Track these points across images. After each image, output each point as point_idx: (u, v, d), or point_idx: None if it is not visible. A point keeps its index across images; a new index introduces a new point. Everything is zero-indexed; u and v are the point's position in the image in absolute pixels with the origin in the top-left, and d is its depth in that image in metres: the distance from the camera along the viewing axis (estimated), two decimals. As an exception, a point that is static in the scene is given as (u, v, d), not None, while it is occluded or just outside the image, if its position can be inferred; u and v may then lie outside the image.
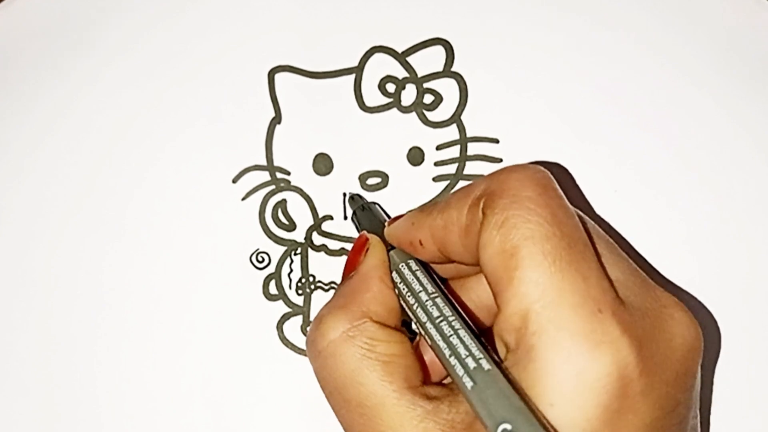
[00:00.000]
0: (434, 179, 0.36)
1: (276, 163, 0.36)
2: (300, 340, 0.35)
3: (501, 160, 0.36)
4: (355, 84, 0.36)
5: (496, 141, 0.36)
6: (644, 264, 0.35)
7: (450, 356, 0.25)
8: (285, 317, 0.35)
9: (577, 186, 0.35)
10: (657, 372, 0.24)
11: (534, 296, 0.23)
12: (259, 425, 0.35)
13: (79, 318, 0.35)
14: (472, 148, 0.36)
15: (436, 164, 0.36)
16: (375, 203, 0.35)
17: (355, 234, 0.35)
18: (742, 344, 0.35)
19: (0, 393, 0.35)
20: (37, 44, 0.36)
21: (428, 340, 0.26)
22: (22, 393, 0.35)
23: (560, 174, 0.35)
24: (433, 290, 0.27)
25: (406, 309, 0.28)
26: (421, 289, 0.27)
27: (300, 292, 0.35)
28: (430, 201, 0.36)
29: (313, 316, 0.35)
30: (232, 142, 0.36)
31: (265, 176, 0.36)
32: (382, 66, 0.36)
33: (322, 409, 0.35)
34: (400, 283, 0.28)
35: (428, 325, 0.26)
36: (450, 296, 0.28)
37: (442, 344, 0.25)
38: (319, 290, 0.36)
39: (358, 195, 0.35)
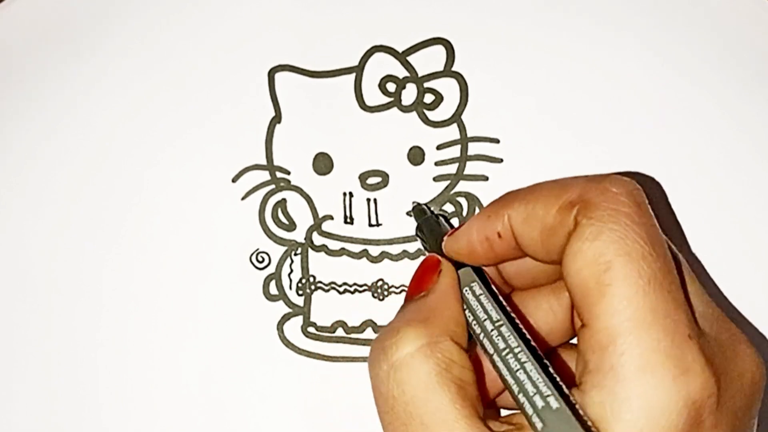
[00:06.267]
0: (435, 179, 0.36)
1: (276, 163, 0.36)
2: (300, 341, 0.35)
3: (501, 160, 0.36)
4: (355, 83, 0.36)
5: (497, 141, 0.36)
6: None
7: (519, 393, 0.25)
8: (285, 317, 0.35)
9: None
10: (728, 405, 0.24)
11: (626, 314, 0.23)
12: (259, 425, 0.35)
13: (78, 318, 0.35)
14: (473, 148, 0.36)
15: (436, 164, 0.36)
16: (441, 214, 0.35)
17: (356, 232, 0.35)
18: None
19: (1, 393, 0.35)
20: (37, 44, 0.36)
21: (498, 373, 0.26)
22: (23, 394, 0.35)
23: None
24: (498, 317, 0.27)
25: (474, 336, 0.27)
26: (485, 317, 0.27)
27: (300, 292, 0.35)
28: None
29: (313, 316, 0.35)
30: (232, 141, 0.36)
31: (265, 176, 0.36)
32: (382, 65, 0.36)
33: (322, 409, 0.35)
34: (465, 309, 0.28)
35: (495, 357, 0.26)
36: (514, 316, 0.27)
37: (510, 380, 0.25)
38: (320, 290, 0.35)
39: (422, 205, 0.35)
